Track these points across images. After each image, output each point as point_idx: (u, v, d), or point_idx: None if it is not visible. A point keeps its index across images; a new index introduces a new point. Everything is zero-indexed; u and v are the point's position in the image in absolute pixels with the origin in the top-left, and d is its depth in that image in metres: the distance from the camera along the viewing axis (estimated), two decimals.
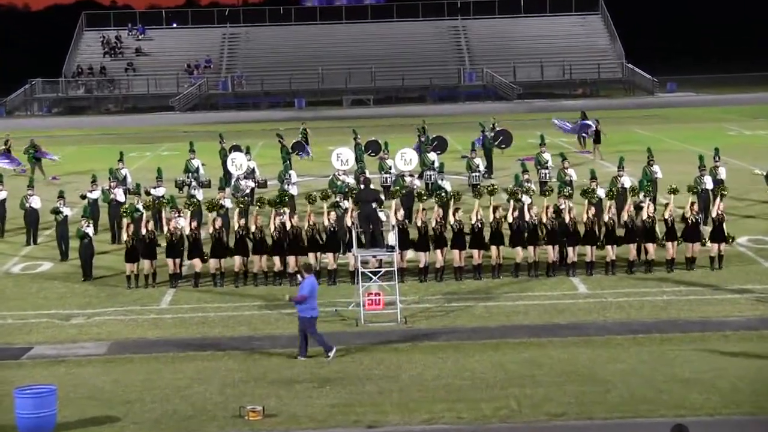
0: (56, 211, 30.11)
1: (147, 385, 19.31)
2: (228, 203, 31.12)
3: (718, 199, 27.51)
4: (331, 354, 20.45)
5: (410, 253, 26.83)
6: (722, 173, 33.04)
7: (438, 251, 26.37)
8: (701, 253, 26.71)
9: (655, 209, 27.07)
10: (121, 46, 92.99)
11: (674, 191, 27.36)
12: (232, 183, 34.70)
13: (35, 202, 32.13)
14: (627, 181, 31.32)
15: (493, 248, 26.44)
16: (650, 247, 26.45)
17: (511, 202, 27.28)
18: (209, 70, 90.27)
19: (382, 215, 25.95)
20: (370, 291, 23.52)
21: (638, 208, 26.86)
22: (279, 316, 23.76)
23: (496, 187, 27.85)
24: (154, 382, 19.47)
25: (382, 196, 30.24)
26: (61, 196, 30.65)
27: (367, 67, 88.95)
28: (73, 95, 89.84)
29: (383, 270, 24.14)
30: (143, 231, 26.66)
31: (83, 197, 32.56)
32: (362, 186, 26.20)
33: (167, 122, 76.81)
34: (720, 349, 20.50)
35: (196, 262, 26.50)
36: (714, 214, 26.89)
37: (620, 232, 26.77)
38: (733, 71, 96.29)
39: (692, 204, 27.04)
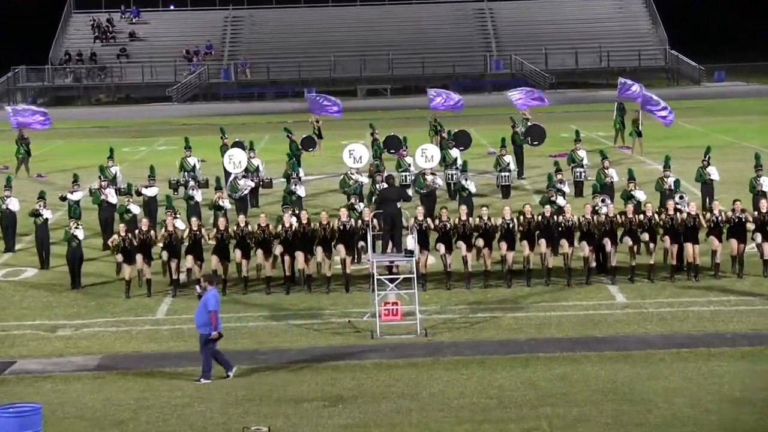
0: (35, 214, 29.99)
1: (141, 404, 19.37)
2: (227, 204, 31.22)
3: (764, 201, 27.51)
4: (203, 381, 20.36)
5: (431, 259, 26.90)
6: None
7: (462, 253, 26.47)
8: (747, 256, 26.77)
9: (709, 212, 27.04)
10: (113, 30, 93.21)
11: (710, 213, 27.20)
12: (229, 182, 34.73)
13: (13, 204, 31.72)
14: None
15: (526, 250, 26.45)
16: (692, 248, 26.38)
17: (547, 207, 27.21)
18: (210, 57, 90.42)
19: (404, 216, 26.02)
20: (386, 300, 23.54)
21: (676, 209, 26.81)
22: (286, 327, 23.83)
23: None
24: (149, 401, 19.53)
25: (409, 192, 30.26)
26: (41, 197, 30.37)
27: (384, 53, 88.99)
28: (61, 84, 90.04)
29: (401, 277, 24.16)
30: (140, 229, 26.72)
31: (63, 199, 32.45)
32: (385, 184, 26.26)
33: (164, 114, 77.00)
34: None
35: (194, 266, 26.58)
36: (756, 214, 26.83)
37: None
38: None
39: (735, 202, 26.96)
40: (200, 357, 20.58)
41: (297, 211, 28.18)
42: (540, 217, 26.56)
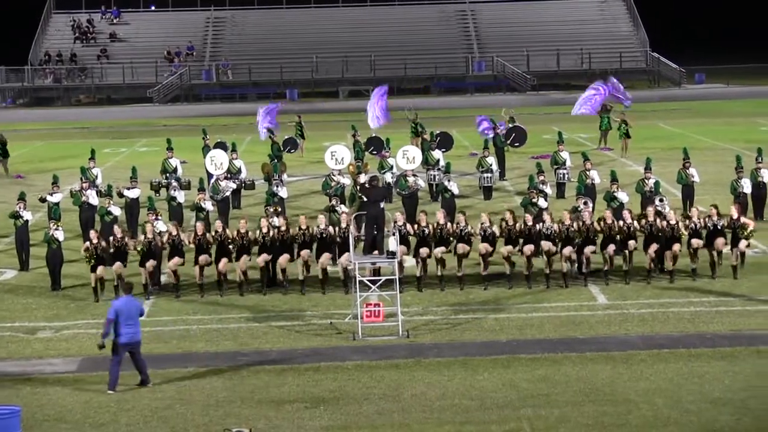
0: (15, 216, 29.85)
1: (122, 406, 19.35)
2: (209, 206, 31.18)
3: (736, 206, 27.57)
4: (111, 392, 19.91)
5: (411, 260, 26.92)
6: (765, 176, 32.75)
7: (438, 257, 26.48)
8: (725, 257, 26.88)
9: (687, 215, 27.10)
10: (94, 31, 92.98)
11: (688, 217, 27.23)
12: (211, 183, 34.69)
13: None
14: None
15: (505, 250, 26.47)
16: (671, 254, 26.45)
17: (528, 216, 27.14)
18: (191, 58, 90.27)
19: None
20: (368, 301, 23.56)
21: (658, 213, 26.87)
22: (267, 329, 23.82)
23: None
24: (129, 403, 19.51)
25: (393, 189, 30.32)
26: (21, 198, 30.15)
27: (366, 55, 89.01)
28: (41, 85, 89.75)
29: (383, 278, 24.18)
30: (114, 236, 26.51)
31: (42, 200, 32.33)
32: (367, 185, 26.27)
33: (145, 115, 76.87)
34: (752, 365, 20.56)
35: (174, 268, 26.51)
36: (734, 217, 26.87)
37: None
38: None
39: (711, 207, 27.01)
40: (111, 368, 20.03)
41: (279, 209, 28.18)
42: (522, 225, 26.51)
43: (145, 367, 20.31)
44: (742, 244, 26.71)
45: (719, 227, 26.55)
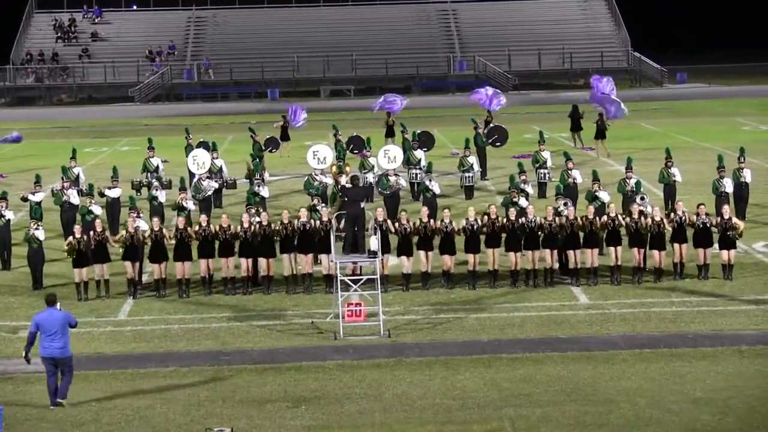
0: None
1: (103, 406, 19.30)
2: (191, 205, 31.12)
3: (727, 206, 27.61)
4: (60, 401, 19.30)
5: (393, 260, 26.88)
6: (747, 176, 32.86)
7: (423, 255, 26.43)
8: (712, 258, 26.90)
9: (672, 214, 27.10)
10: (76, 30, 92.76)
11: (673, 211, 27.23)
12: (193, 183, 34.60)
13: None
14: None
15: (489, 251, 26.43)
16: (657, 255, 26.47)
17: (512, 211, 27.09)
18: (173, 57, 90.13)
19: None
20: (349, 301, 23.54)
21: (641, 213, 26.86)
22: (249, 328, 23.78)
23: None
24: (111, 402, 19.47)
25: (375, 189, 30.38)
26: (3, 197, 30.01)
27: (348, 54, 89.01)
28: (22, 84, 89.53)
29: (365, 278, 24.15)
30: (95, 230, 26.42)
31: (24, 200, 32.20)
32: (348, 185, 26.22)
33: (126, 115, 76.74)
34: (734, 365, 20.61)
35: (156, 267, 26.43)
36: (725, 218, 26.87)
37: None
38: (750, 60, 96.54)
39: (699, 206, 27.03)
40: (49, 385, 19.39)
41: (261, 210, 28.11)
42: (505, 220, 26.47)
43: (63, 387, 19.33)
44: (731, 252, 26.61)
45: (708, 225, 26.54)
